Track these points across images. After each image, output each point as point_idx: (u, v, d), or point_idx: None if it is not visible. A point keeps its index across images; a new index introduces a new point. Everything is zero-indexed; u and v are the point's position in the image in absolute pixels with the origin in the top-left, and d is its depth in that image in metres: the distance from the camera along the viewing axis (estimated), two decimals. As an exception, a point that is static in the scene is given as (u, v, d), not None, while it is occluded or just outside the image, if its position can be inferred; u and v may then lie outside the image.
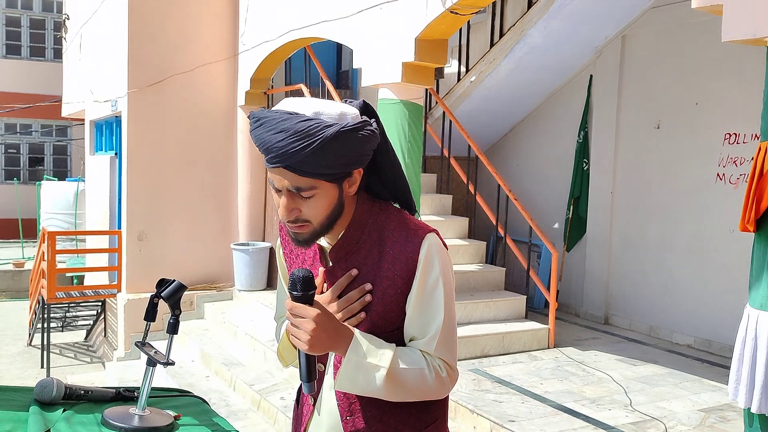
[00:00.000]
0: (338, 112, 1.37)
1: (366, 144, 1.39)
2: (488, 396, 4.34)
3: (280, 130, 1.32)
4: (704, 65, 5.68)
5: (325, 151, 1.31)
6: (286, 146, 1.31)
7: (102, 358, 8.51)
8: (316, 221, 1.40)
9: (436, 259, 1.44)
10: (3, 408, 1.47)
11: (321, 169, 1.34)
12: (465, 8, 4.55)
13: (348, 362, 1.37)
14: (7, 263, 12.43)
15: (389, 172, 1.51)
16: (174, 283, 1.52)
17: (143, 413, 1.50)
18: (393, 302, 1.44)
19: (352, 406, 1.48)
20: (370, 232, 1.47)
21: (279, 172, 1.35)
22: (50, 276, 7.67)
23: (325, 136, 1.31)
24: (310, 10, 6.05)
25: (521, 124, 7.58)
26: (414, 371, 1.40)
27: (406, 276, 1.43)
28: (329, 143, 1.31)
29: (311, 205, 1.38)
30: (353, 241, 1.47)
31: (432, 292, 1.44)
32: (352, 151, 1.37)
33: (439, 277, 1.44)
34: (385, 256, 1.45)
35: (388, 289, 1.44)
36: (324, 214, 1.40)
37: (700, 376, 4.93)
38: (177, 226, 7.51)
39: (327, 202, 1.39)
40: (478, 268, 6.08)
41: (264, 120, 1.35)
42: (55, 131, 16.96)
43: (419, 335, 1.45)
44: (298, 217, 1.39)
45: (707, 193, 5.65)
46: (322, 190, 1.37)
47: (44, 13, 16.68)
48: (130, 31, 7.20)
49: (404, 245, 1.44)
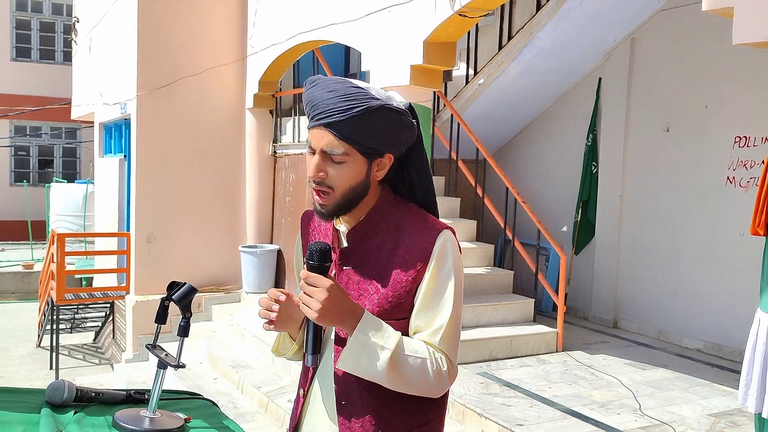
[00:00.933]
0: (387, 94, 1.46)
1: (403, 130, 1.46)
2: (496, 399, 4.33)
3: (330, 90, 1.40)
4: (714, 68, 5.66)
5: (365, 119, 1.39)
6: (333, 105, 1.38)
7: (110, 359, 8.54)
8: (338, 190, 1.44)
9: (451, 254, 1.47)
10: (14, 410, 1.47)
11: (357, 136, 1.40)
12: (473, 11, 4.55)
13: (355, 340, 1.38)
14: (16, 265, 12.50)
15: (418, 178, 1.55)
16: (185, 285, 1.52)
17: (154, 416, 1.50)
18: (403, 289, 1.46)
19: (348, 393, 1.49)
20: (389, 221, 1.51)
21: (319, 131, 1.41)
22: (59, 278, 7.71)
23: (370, 105, 1.39)
24: (319, 12, 6.06)
25: (529, 127, 7.57)
26: (416, 360, 1.40)
27: (419, 265, 1.45)
28: (371, 113, 1.39)
29: (339, 172, 1.42)
30: (371, 227, 1.51)
31: (443, 285, 1.46)
32: (390, 131, 1.43)
33: (451, 270, 1.46)
34: (400, 244, 1.47)
35: (399, 275, 1.46)
36: (348, 184, 1.44)
37: (709, 380, 4.91)
38: (185, 228, 7.54)
39: (354, 174, 1.43)
40: (486, 271, 6.06)
41: (319, 81, 1.44)
42: (64, 134, 17.05)
43: (425, 326, 1.46)
44: (324, 181, 1.43)
45: (717, 197, 5.63)
46: (352, 160, 1.42)
47: (54, 16, 16.79)
48: (139, 34, 7.23)
49: (420, 236, 1.47)
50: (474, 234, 6.47)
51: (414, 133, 1.49)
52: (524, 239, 6.44)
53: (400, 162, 1.53)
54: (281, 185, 7.65)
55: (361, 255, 1.51)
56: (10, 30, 16.32)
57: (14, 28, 16.38)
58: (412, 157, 1.53)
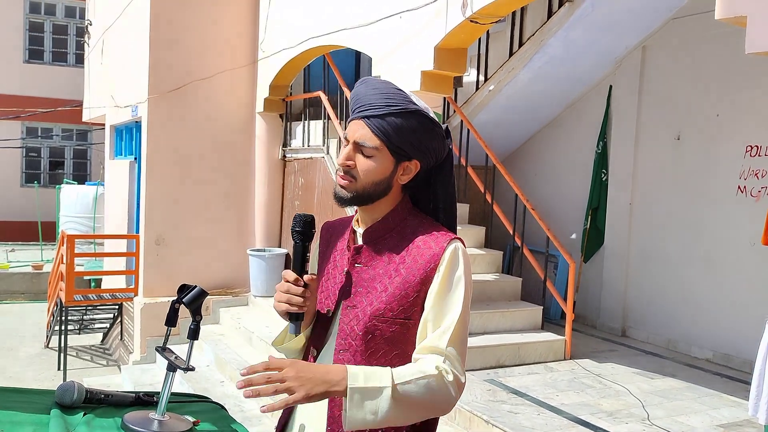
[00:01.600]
0: (425, 105, 1.54)
1: (435, 141, 1.53)
2: (504, 407, 4.32)
3: (375, 87, 1.52)
4: (726, 76, 5.64)
5: (401, 119, 1.48)
6: (374, 101, 1.49)
7: (118, 361, 8.56)
8: (361, 182, 1.51)
9: (461, 260, 1.50)
10: (24, 410, 1.48)
11: (390, 133, 1.48)
12: (485, 17, 4.55)
13: (351, 394, 1.33)
14: (26, 265, 12.56)
15: (443, 194, 1.61)
16: (195, 288, 1.53)
17: (163, 418, 1.50)
18: (411, 290, 1.49)
19: None
20: (405, 227, 1.56)
21: (357, 123, 1.51)
22: (68, 279, 7.74)
23: (408, 107, 1.49)
24: (330, 18, 6.07)
25: (539, 134, 7.55)
26: (420, 382, 1.38)
27: (428, 268, 1.48)
28: (408, 115, 1.48)
29: (366, 165, 1.50)
30: (387, 228, 1.56)
31: (453, 289, 1.48)
32: (422, 137, 1.50)
33: (462, 277, 1.49)
34: (413, 249, 1.52)
35: (409, 277, 1.49)
36: (371, 179, 1.50)
37: (719, 390, 4.87)
38: (194, 231, 7.56)
39: (380, 170, 1.50)
40: (494, 277, 6.05)
41: (368, 80, 1.56)
42: (75, 135, 17.15)
43: (434, 326, 1.46)
44: (350, 170, 1.51)
45: (728, 206, 5.60)
46: (381, 156, 1.50)
47: (67, 18, 16.91)
48: (151, 38, 7.27)
49: (432, 242, 1.51)
50: (483, 240, 6.46)
51: (444, 148, 1.56)
52: (533, 246, 6.42)
53: (427, 178, 1.58)
54: (290, 189, 7.66)
55: (374, 255, 1.55)
56: (23, 32, 16.44)
57: (27, 30, 16.51)
58: (441, 174, 1.59)
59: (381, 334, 1.49)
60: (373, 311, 1.50)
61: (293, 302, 1.49)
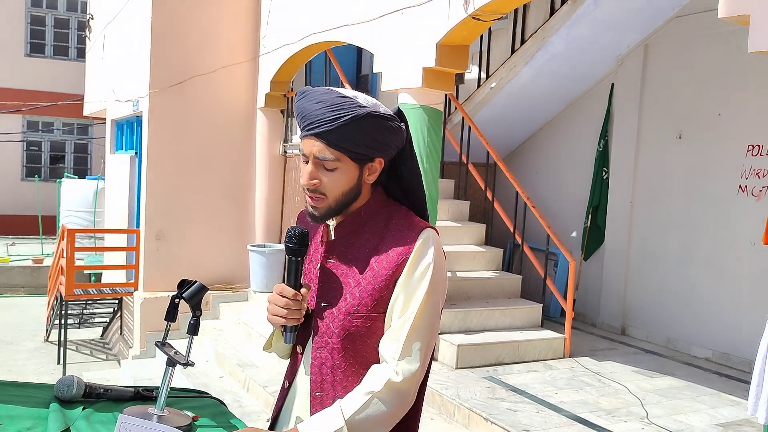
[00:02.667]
0: (374, 101, 1.50)
1: (392, 135, 1.50)
2: (503, 404, 4.32)
3: (319, 101, 1.46)
4: (728, 75, 5.63)
5: (354, 127, 1.44)
6: (321, 115, 1.44)
7: (117, 355, 8.57)
8: (331, 196, 1.49)
9: (431, 249, 1.49)
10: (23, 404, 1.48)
11: (347, 144, 1.45)
12: (487, 14, 4.54)
13: None
14: (26, 259, 12.57)
15: (409, 178, 1.59)
16: (195, 284, 1.52)
17: (162, 413, 1.50)
18: (383, 282, 1.48)
19: (322, 384, 1.52)
20: (377, 220, 1.55)
21: (310, 141, 1.47)
22: (68, 273, 7.74)
23: (357, 113, 1.43)
24: (332, 13, 6.06)
25: (541, 132, 7.54)
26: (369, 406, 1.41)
27: (399, 261, 1.48)
28: (359, 121, 1.43)
29: (331, 179, 1.47)
30: (360, 223, 1.55)
31: (420, 277, 1.47)
32: (378, 137, 1.47)
33: (431, 264, 1.47)
34: (385, 241, 1.51)
35: (380, 270, 1.49)
36: (340, 190, 1.49)
37: (718, 390, 4.87)
38: (194, 226, 7.56)
39: (346, 180, 1.48)
40: (494, 275, 6.05)
41: (308, 92, 1.50)
42: (76, 130, 17.15)
43: (398, 315, 1.47)
44: (317, 188, 1.48)
45: (729, 205, 5.59)
46: (344, 166, 1.47)
47: (69, 12, 16.89)
48: (152, 32, 7.26)
49: (404, 233, 1.50)
50: (483, 238, 6.45)
51: (403, 137, 1.54)
52: (533, 244, 6.42)
53: (392, 165, 1.57)
54: (290, 185, 7.66)
55: (347, 249, 1.55)
56: (25, 26, 16.42)
57: (29, 24, 16.49)
58: (402, 158, 1.57)
59: (358, 331, 1.49)
60: (348, 308, 1.50)
61: (291, 317, 1.50)
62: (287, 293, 1.49)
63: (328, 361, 1.51)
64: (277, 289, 1.51)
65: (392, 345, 1.46)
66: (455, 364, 5.01)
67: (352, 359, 1.50)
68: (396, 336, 1.46)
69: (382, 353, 1.48)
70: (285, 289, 1.50)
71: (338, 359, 1.50)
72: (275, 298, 1.51)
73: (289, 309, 1.49)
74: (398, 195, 1.60)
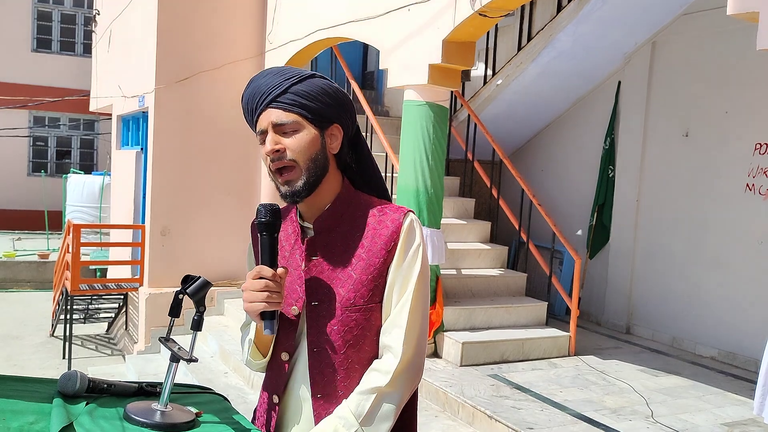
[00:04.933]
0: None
1: (341, 96, 1.51)
2: (507, 402, 4.31)
3: (265, 75, 1.50)
4: (735, 73, 5.59)
5: (303, 86, 1.46)
6: (272, 83, 1.47)
7: (122, 350, 8.59)
8: (301, 161, 1.46)
9: (417, 231, 1.51)
10: (26, 399, 1.47)
11: (301, 102, 1.45)
12: (494, 11, 4.52)
13: None
14: (32, 254, 12.61)
15: (366, 159, 1.61)
16: (199, 279, 1.51)
17: (165, 409, 1.49)
18: (376, 271, 1.47)
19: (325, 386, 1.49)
20: (354, 208, 1.54)
21: (265, 113, 1.47)
22: (74, 268, 7.76)
23: (303, 73, 1.48)
24: (338, 10, 6.05)
25: (547, 129, 7.52)
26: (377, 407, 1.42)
27: (389, 247, 1.48)
28: (308, 80, 1.47)
29: (296, 141, 1.46)
30: (337, 214, 1.53)
31: (412, 259, 1.49)
32: (328, 96, 1.48)
33: (419, 245, 1.50)
34: (368, 230, 1.50)
35: (371, 259, 1.48)
36: (307, 154, 1.46)
37: (723, 389, 4.85)
38: (200, 222, 7.56)
39: (309, 142, 1.46)
40: (499, 273, 6.03)
41: (253, 79, 1.53)
42: (82, 125, 17.18)
43: (396, 299, 1.48)
44: (282, 155, 1.45)
45: (736, 204, 5.56)
46: (304, 128, 1.46)
47: (75, 8, 16.91)
48: (159, 28, 7.26)
49: (387, 219, 1.50)
50: (488, 235, 6.44)
51: (353, 107, 1.55)
52: (538, 242, 6.41)
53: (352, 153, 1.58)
54: (296, 182, 7.64)
55: (329, 243, 1.52)
56: (31, 21, 16.46)
57: (35, 19, 16.52)
58: (359, 145, 1.59)
59: (357, 324, 1.48)
60: (344, 303, 1.48)
61: (272, 299, 1.43)
62: (266, 273, 1.42)
63: (329, 361, 1.49)
64: (252, 273, 1.44)
65: (395, 331, 1.47)
66: (460, 362, 5.01)
67: (354, 355, 1.49)
68: (397, 321, 1.47)
69: (386, 341, 1.48)
70: (263, 269, 1.43)
71: (340, 357, 1.48)
72: (251, 283, 1.44)
73: (270, 290, 1.42)
74: (363, 186, 1.60)
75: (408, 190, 5.08)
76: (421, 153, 5.01)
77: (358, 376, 1.47)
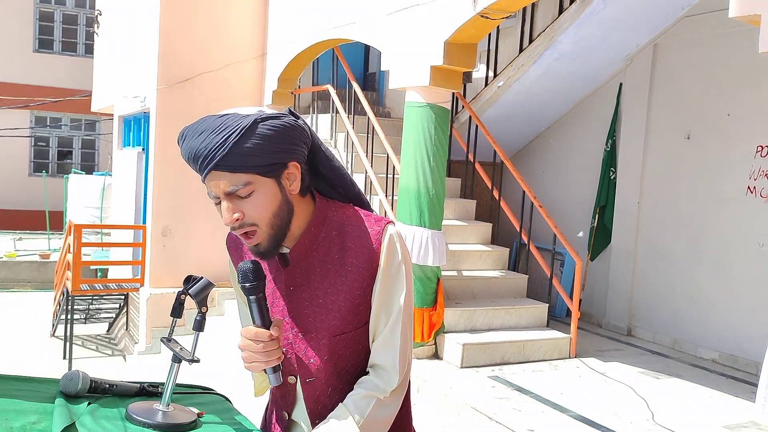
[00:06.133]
0: (257, 108, 1.37)
1: (289, 132, 1.35)
2: (507, 404, 4.31)
3: (200, 132, 1.32)
4: (737, 76, 5.59)
5: (247, 140, 1.30)
6: (209, 144, 1.30)
7: (123, 351, 8.60)
8: (262, 222, 1.35)
9: (398, 246, 1.45)
10: (29, 399, 1.48)
11: (249, 160, 1.31)
12: (496, 13, 4.52)
13: None
14: (33, 254, 12.62)
15: (329, 172, 1.49)
16: (201, 280, 1.51)
17: (167, 409, 1.50)
18: (360, 296, 1.43)
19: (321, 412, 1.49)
20: (330, 229, 1.46)
21: (213, 177, 1.33)
22: (75, 268, 7.77)
23: (242, 124, 1.30)
24: (340, 11, 6.06)
25: (548, 131, 7.52)
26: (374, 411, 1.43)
27: (371, 267, 1.42)
28: (248, 131, 1.30)
29: (252, 205, 1.34)
30: (314, 239, 1.45)
31: (396, 276, 1.44)
32: (277, 140, 1.33)
33: (401, 263, 1.45)
34: (347, 251, 1.44)
35: (354, 282, 1.43)
36: (268, 212, 1.35)
37: (724, 392, 4.85)
38: (201, 222, 7.57)
39: (268, 199, 1.35)
40: (500, 274, 6.03)
41: (186, 131, 1.36)
42: (84, 125, 17.20)
43: (385, 320, 1.45)
44: (243, 222, 1.35)
45: (737, 206, 5.56)
46: (259, 186, 1.34)
47: (77, 8, 16.93)
48: (160, 29, 7.27)
49: (366, 238, 1.43)
50: (489, 237, 6.44)
51: (306, 133, 1.40)
52: (539, 243, 6.40)
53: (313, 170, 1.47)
54: (297, 182, 7.64)
55: (309, 270, 1.46)
56: (33, 21, 16.48)
57: (37, 19, 16.54)
58: (318, 160, 1.47)
59: (346, 347, 1.47)
60: (332, 330, 1.45)
61: (272, 357, 1.39)
62: (262, 336, 1.37)
63: (323, 388, 1.49)
64: (247, 334, 1.38)
65: (388, 352, 1.45)
66: (460, 363, 5.01)
67: (347, 376, 1.49)
68: (389, 342, 1.45)
69: (380, 362, 1.46)
70: (259, 333, 1.37)
71: (333, 381, 1.48)
72: (248, 344, 1.38)
73: (269, 350, 1.38)
74: (329, 191, 1.51)
75: (409, 191, 5.08)
76: (423, 154, 5.01)
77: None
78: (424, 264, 5.00)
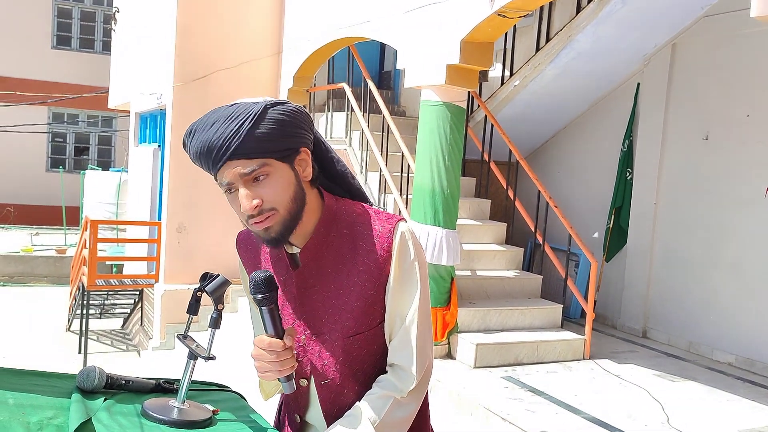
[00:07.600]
0: (262, 98, 1.38)
1: (299, 117, 1.37)
2: (521, 405, 4.29)
3: (212, 123, 1.32)
4: (757, 77, 5.53)
5: (260, 125, 1.31)
6: (223, 133, 1.30)
7: (137, 346, 8.65)
8: (281, 206, 1.34)
9: (410, 244, 1.43)
10: (46, 394, 1.48)
11: (264, 146, 1.31)
12: (513, 11, 4.50)
13: None
14: (50, 249, 12.73)
15: (329, 164, 1.50)
16: (218, 277, 1.51)
17: (182, 406, 1.50)
18: (374, 295, 1.43)
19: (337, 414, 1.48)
20: (340, 228, 1.45)
21: (228, 167, 1.32)
22: (91, 263, 7.82)
23: (254, 110, 1.31)
24: (356, 9, 6.05)
25: (564, 131, 7.48)
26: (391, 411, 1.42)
27: (383, 266, 1.41)
28: (260, 117, 1.31)
29: (271, 187, 1.33)
30: (324, 238, 1.44)
31: (409, 276, 1.43)
32: (289, 125, 1.34)
33: (415, 259, 1.43)
34: (358, 250, 1.43)
35: (366, 282, 1.42)
36: (287, 196, 1.35)
37: (740, 395, 4.80)
38: (215, 219, 7.59)
39: (285, 182, 1.35)
40: (514, 274, 6.01)
41: (194, 126, 1.36)
42: (100, 122, 17.33)
43: (399, 321, 1.44)
44: (262, 207, 1.33)
45: (755, 208, 5.50)
46: (275, 169, 1.34)
47: (95, 5, 17.06)
48: (177, 26, 7.31)
49: (377, 236, 1.42)
50: (503, 237, 6.41)
51: (309, 117, 1.41)
52: (554, 244, 6.37)
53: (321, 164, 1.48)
54: (312, 180, 7.65)
55: (321, 271, 1.45)
56: (52, 18, 16.62)
57: (56, 16, 16.68)
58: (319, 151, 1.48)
59: (361, 348, 1.46)
60: (345, 331, 1.44)
61: (286, 366, 1.38)
62: (276, 347, 1.36)
63: (338, 389, 1.48)
64: (260, 344, 1.37)
65: (405, 352, 1.44)
66: (474, 363, 4.99)
67: (363, 376, 1.48)
68: (406, 341, 1.44)
69: (398, 362, 1.45)
70: (273, 343, 1.36)
71: (349, 382, 1.48)
72: (261, 354, 1.37)
73: (283, 359, 1.37)
74: (333, 187, 1.51)
75: (424, 190, 5.07)
76: (438, 153, 4.99)
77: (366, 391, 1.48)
78: (438, 263, 4.99)
